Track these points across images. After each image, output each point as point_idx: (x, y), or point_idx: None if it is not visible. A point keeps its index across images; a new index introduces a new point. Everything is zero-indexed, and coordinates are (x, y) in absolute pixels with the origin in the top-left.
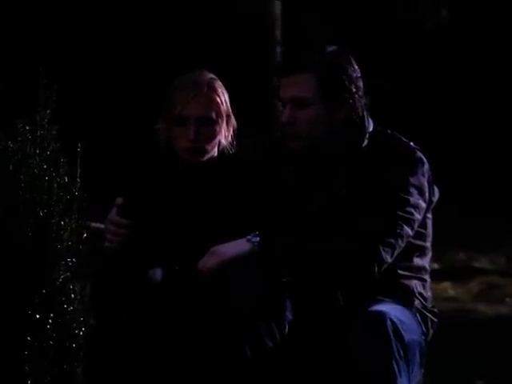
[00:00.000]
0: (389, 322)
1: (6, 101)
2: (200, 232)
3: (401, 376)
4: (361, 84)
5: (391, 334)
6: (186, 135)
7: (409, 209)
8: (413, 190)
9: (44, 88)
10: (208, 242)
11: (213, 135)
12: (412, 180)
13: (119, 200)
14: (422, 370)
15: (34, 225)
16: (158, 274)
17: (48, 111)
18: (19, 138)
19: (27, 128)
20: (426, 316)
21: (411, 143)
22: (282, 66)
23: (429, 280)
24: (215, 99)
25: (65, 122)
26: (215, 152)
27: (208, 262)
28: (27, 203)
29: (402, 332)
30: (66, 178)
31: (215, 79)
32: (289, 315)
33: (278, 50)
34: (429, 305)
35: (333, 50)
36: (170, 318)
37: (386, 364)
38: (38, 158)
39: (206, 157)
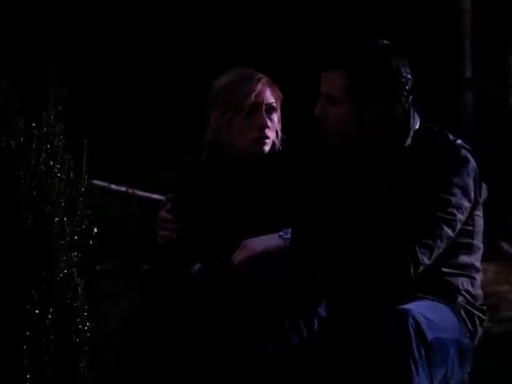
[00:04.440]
0: (411, 320)
1: (12, 98)
2: (243, 227)
3: (418, 375)
4: (404, 81)
5: (412, 333)
6: (258, 124)
7: (450, 209)
8: (456, 190)
9: (54, 86)
10: (249, 237)
11: (275, 125)
12: (455, 180)
13: (169, 196)
14: (467, 369)
15: (35, 220)
16: (199, 268)
17: (59, 108)
18: (21, 137)
19: (33, 125)
20: (473, 314)
21: (458, 141)
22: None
23: (479, 278)
24: (276, 90)
25: (73, 119)
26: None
27: (238, 255)
28: (28, 199)
29: (426, 330)
30: (71, 174)
31: None
32: (322, 312)
33: (468, 43)
34: (477, 302)
35: (369, 47)
36: (203, 313)
37: (402, 362)
38: (43, 155)
39: (269, 147)
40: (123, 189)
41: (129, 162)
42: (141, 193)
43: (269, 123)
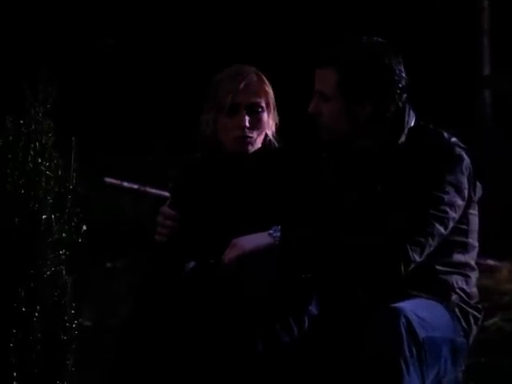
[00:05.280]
0: (402, 319)
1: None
2: (238, 225)
3: (409, 374)
4: (397, 79)
5: (403, 331)
6: (238, 123)
7: (443, 207)
8: (449, 188)
9: (44, 84)
10: (241, 235)
11: (262, 124)
12: (448, 177)
13: (170, 185)
14: (461, 368)
15: (22, 218)
16: (192, 267)
17: (48, 106)
18: (9, 134)
19: (21, 122)
20: (468, 312)
21: (453, 139)
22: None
23: (474, 276)
24: (264, 88)
25: (63, 116)
26: (260, 143)
27: (228, 254)
28: (15, 197)
29: (418, 329)
30: (59, 171)
31: (260, 71)
32: (313, 310)
33: (486, 41)
34: (472, 301)
35: (363, 44)
36: (195, 311)
37: (393, 361)
38: (32, 152)
39: (254, 147)
40: (135, 186)
41: (141, 161)
42: (153, 190)
43: (248, 123)
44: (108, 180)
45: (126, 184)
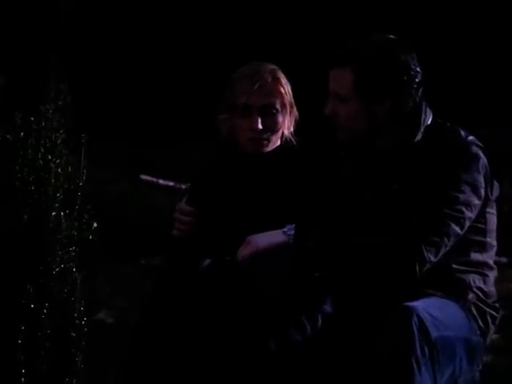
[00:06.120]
0: (415, 318)
1: (10, 93)
2: (256, 223)
3: (420, 374)
4: (413, 74)
5: (415, 330)
6: (251, 125)
7: (459, 207)
8: (465, 187)
9: (55, 80)
10: (255, 233)
11: (276, 125)
12: (464, 176)
13: (187, 186)
14: (478, 367)
15: (31, 215)
16: (208, 264)
17: (60, 102)
18: (20, 131)
19: (32, 119)
20: (485, 311)
21: (470, 137)
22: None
23: (492, 275)
24: (279, 89)
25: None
26: (278, 143)
27: (242, 251)
28: (24, 193)
29: (430, 328)
30: (69, 168)
31: (278, 70)
32: (327, 308)
33: None
34: (490, 300)
35: (376, 42)
36: (209, 309)
37: (405, 361)
38: (42, 149)
39: (269, 148)
40: (171, 184)
41: (186, 160)
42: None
43: (260, 125)
44: (144, 177)
45: (161, 181)
